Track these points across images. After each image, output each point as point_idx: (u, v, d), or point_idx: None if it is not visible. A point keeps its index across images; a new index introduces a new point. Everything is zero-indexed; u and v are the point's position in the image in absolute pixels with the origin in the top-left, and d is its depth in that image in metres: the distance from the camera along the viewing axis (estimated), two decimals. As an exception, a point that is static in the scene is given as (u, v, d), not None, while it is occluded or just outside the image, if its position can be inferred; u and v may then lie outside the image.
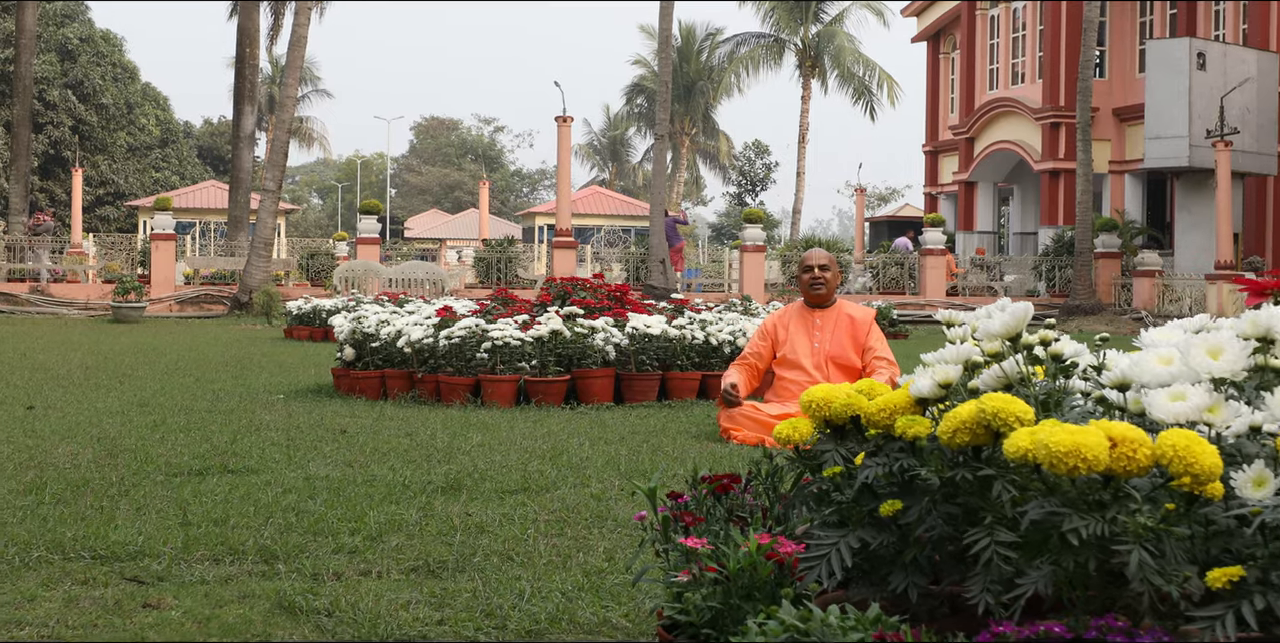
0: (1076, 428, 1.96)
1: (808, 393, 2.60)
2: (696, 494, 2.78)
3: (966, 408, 2.18)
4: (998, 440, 2.17)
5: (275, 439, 7.10)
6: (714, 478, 2.78)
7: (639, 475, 5.83)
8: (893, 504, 2.25)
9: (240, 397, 9.95)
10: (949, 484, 2.21)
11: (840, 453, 2.50)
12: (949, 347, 2.50)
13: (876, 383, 2.73)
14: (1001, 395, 2.15)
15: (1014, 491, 2.10)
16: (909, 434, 2.29)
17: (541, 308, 10.43)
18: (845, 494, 2.36)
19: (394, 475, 5.71)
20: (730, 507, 2.75)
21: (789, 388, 7.86)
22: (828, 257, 8.21)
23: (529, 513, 4.84)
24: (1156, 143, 30.98)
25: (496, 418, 8.44)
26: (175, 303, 29.79)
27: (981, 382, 2.39)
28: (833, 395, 2.56)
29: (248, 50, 37.35)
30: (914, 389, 2.39)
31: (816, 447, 2.56)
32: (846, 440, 2.55)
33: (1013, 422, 2.10)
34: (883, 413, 2.38)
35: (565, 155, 30.14)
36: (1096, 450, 1.92)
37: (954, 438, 2.17)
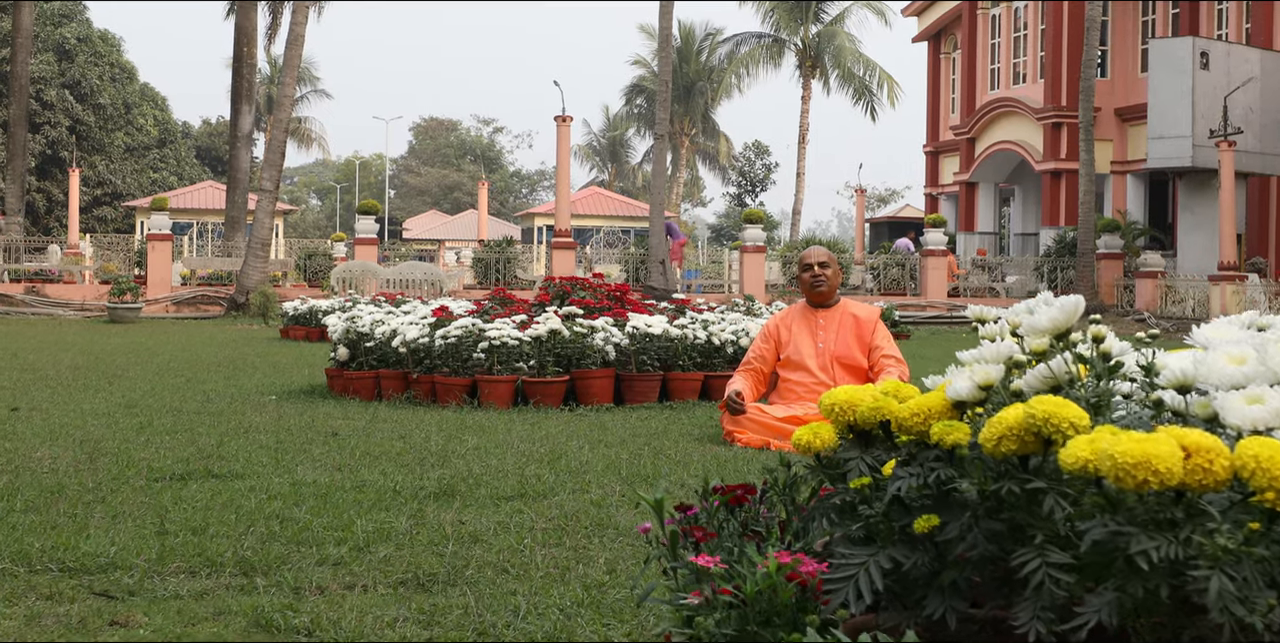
0: (1144, 436, 1.73)
1: (829, 396, 2.37)
2: (707, 507, 2.53)
3: (1012, 413, 1.95)
4: (1048, 449, 1.94)
5: (264, 442, 6.86)
6: (727, 489, 2.54)
7: (640, 481, 5.60)
8: (928, 520, 2.02)
9: (231, 398, 9.72)
10: (992, 498, 1.97)
11: (866, 462, 2.27)
12: (987, 345, 2.26)
13: (902, 384, 2.49)
14: (1052, 399, 1.91)
15: (1068, 506, 1.87)
16: (947, 442, 2.05)
17: (540, 307, 10.19)
18: (874, 508, 2.13)
19: (385, 481, 5.47)
20: (744, 521, 2.51)
21: (794, 390, 7.62)
22: (827, 254, 7.95)
23: (525, 521, 4.61)
24: (1159, 143, 30.75)
25: (493, 420, 8.21)
26: (172, 303, 29.60)
27: (1025, 384, 2.15)
28: (858, 399, 2.32)
29: (245, 49, 37.13)
30: (951, 392, 2.15)
31: (839, 455, 2.33)
32: (872, 448, 2.32)
33: (1066, 429, 1.87)
34: (916, 418, 2.14)
35: (564, 155, 29.93)
36: (1169, 462, 1.69)
37: (999, 447, 1.94)
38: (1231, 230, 28.16)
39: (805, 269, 7.84)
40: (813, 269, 7.79)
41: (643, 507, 4.88)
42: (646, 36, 68.16)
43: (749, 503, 2.53)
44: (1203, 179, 31.12)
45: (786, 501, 2.51)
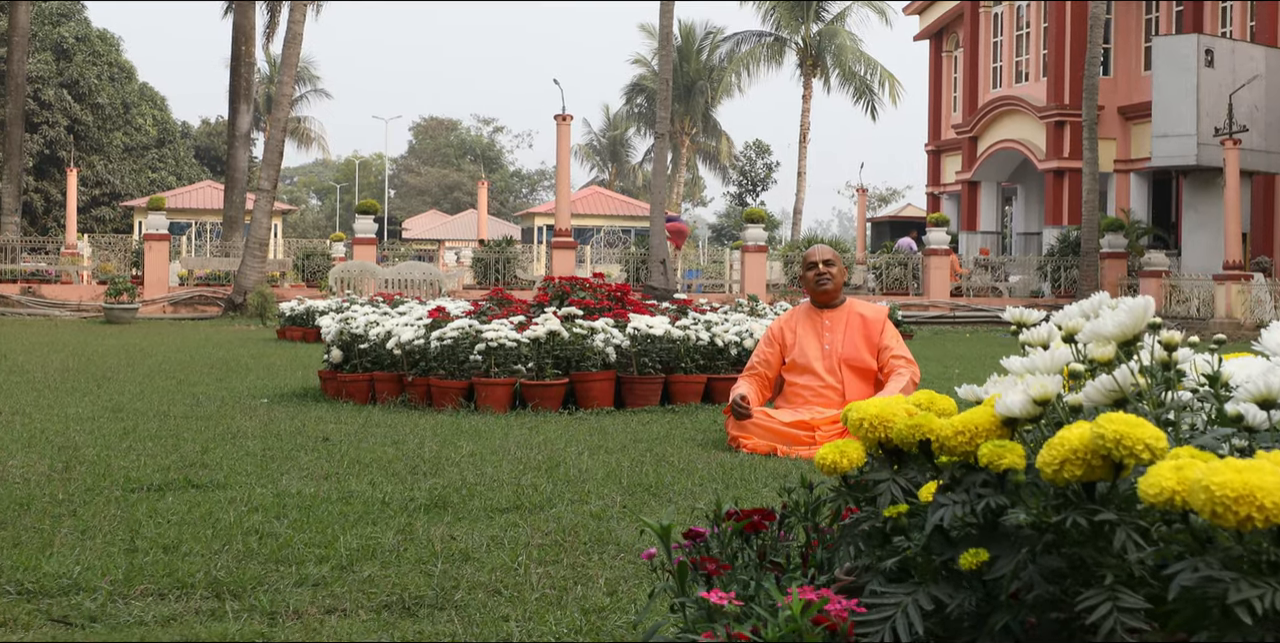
0: (1245, 464, 1.47)
1: (858, 410, 2.11)
2: (719, 533, 2.26)
3: (1076, 433, 1.68)
4: (1117, 475, 1.68)
5: (250, 449, 6.59)
6: (741, 514, 2.27)
7: (642, 490, 5.33)
8: (976, 555, 1.75)
9: (221, 402, 9.46)
10: (1053, 531, 1.71)
11: (899, 485, 2.00)
12: (1040, 353, 1.99)
13: (936, 396, 2.24)
14: (1123, 417, 1.65)
15: (1143, 543, 1.61)
16: (998, 465, 1.79)
17: (539, 308, 9.93)
18: (912, 540, 1.86)
19: (373, 492, 5.19)
20: (762, 549, 2.24)
21: (800, 394, 7.35)
22: (832, 251, 7.67)
23: (520, 536, 4.33)
24: (1164, 141, 30.48)
25: (490, 425, 7.94)
26: (169, 304, 29.40)
27: (1085, 397, 1.89)
28: (890, 413, 2.06)
29: (243, 48, 36.89)
30: (1001, 407, 1.88)
31: (869, 476, 2.07)
32: (905, 468, 2.06)
33: (1141, 452, 1.61)
34: (961, 437, 1.88)
35: (564, 154, 29.68)
36: (1278, 496, 1.43)
37: (1061, 472, 1.67)
38: (1237, 229, 27.90)
39: (809, 268, 7.56)
40: (817, 267, 7.51)
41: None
42: (647, 35, 67.94)
43: (767, 530, 2.26)
44: (1207, 178, 30.85)
45: (809, 527, 2.24)
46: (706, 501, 5.06)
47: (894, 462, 2.08)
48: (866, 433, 2.07)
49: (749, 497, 5.17)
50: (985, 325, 29.30)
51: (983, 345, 20.47)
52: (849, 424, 2.12)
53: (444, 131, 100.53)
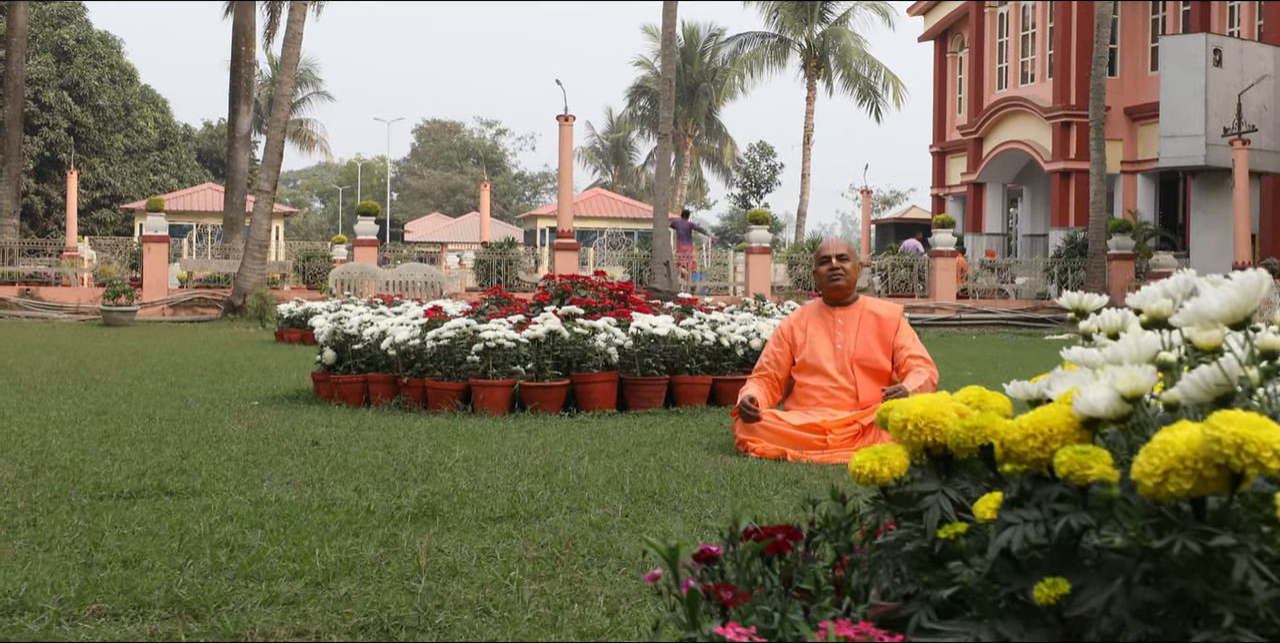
0: None
1: (900, 409, 1.79)
2: (736, 554, 1.94)
3: (1183, 438, 1.36)
4: (1234, 488, 1.36)
5: (233, 453, 6.26)
6: (763, 532, 1.95)
7: (646, 498, 5.00)
8: (1055, 585, 1.43)
9: (211, 404, 9.14)
10: (1153, 558, 1.39)
11: (949, 497, 1.69)
12: (1127, 340, 1.67)
13: (986, 393, 1.92)
14: (1243, 417, 1.33)
15: (1271, 575, 1.30)
16: (1082, 476, 1.47)
17: (538, 307, 9.60)
18: (972, 566, 1.55)
19: (358, 499, 4.86)
20: (786, 574, 1.92)
21: (811, 396, 7.02)
22: (846, 245, 7.33)
23: (514, 548, 4.00)
24: (1172, 141, 30.18)
25: (487, 428, 7.62)
26: (168, 306, 29.15)
27: (1182, 393, 1.57)
28: (939, 413, 1.74)
29: (243, 49, 36.63)
30: (1082, 405, 1.56)
31: (914, 487, 1.75)
32: (955, 478, 1.74)
33: (1268, 460, 1.29)
34: (1032, 441, 1.55)
35: (567, 154, 29.39)
36: None
37: (1165, 485, 1.35)
38: (1246, 230, 27.62)
39: (823, 262, 7.21)
40: (830, 262, 7.17)
41: (649, 531, 4.30)
42: (650, 37, 67.65)
43: (791, 550, 1.93)
44: (1216, 178, 30.55)
45: (842, 547, 1.92)
46: (715, 509, 4.74)
47: (942, 470, 1.76)
48: (911, 436, 1.75)
49: (760, 505, 4.85)
50: (992, 328, 28.99)
51: (991, 348, 20.16)
52: (890, 425, 1.80)
53: (446, 134, 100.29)
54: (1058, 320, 29.81)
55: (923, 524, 1.69)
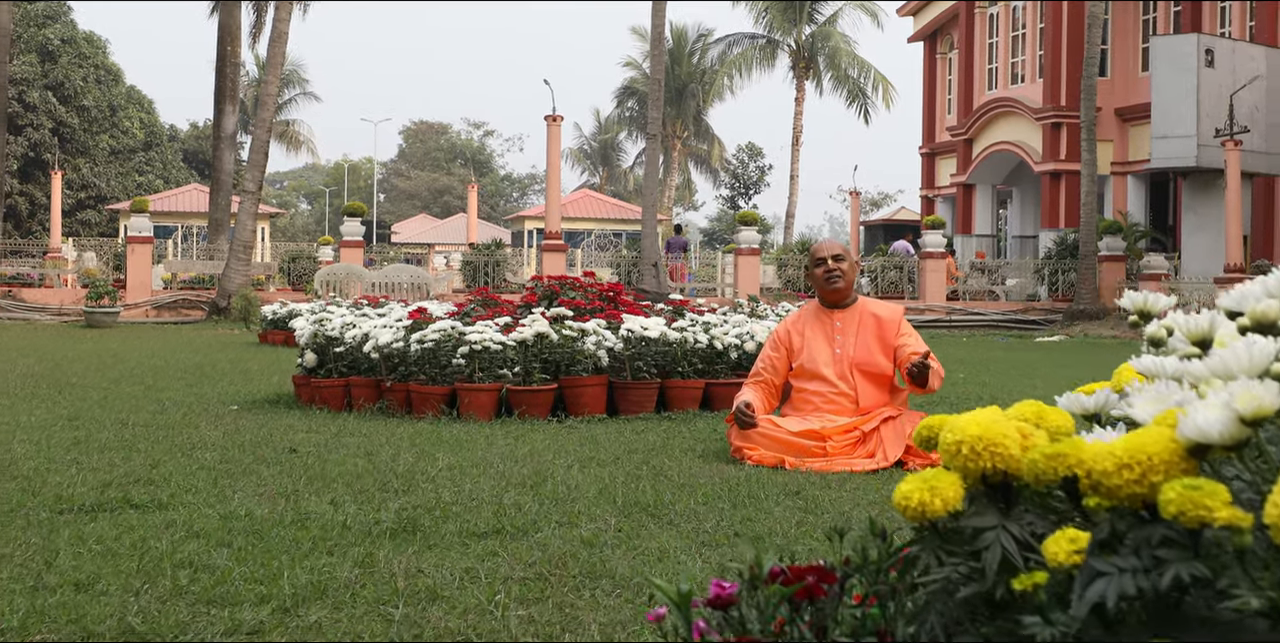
0: None
1: (953, 429, 1.53)
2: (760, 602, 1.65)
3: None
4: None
5: (206, 462, 5.98)
6: (791, 574, 1.67)
7: (639, 510, 4.73)
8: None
9: (188, 409, 8.86)
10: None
11: (1012, 534, 1.43)
12: (1237, 347, 1.41)
13: (1044, 407, 1.66)
14: None
15: None
16: (1196, 518, 1.20)
17: (526, 309, 9.33)
18: (1056, 624, 1.28)
19: (333, 514, 4.56)
20: (819, 623, 1.64)
21: (810, 401, 6.74)
22: (841, 246, 7.03)
23: (499, 567, 3.72)
24: (1163, 142, 30.00)
25: (473, 434, 7.34)
26: (152, 308, 28.87)
27: (1307, 412, 1.30)
28: (1000, 434, 1.48)
29: (229, 48, 36.36)
30: (1191, 429, 1.29)
31: (970, 523, 1.48)
32: (1016, 511, 1.48)
33: None
34: (1128, 473, 1.28)
35: (555, 155, 29.15)
36: None
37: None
38: (1238, 232, 27.45)
39: (818, 263, 6.91)
40: (826, 263, 6.87)
41: (644, 547, 4.03)
42: (638, 38, 67.36)
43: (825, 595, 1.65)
44: (1207, 179, 30.37)
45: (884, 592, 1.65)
46: (713, 522, 4.47)
47: (1002, 501, 1.50)
48: (967, 461, 1.48)
49: (760, 518, 4.58)
50: (982, 330, 28.79)
51: (982, 350, 19.93)
52: (941, 448, 1.54)
53: (434, 135, 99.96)
54: (1048, 322, 29.63)
55: (982, 566, 1.43)
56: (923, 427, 1.69)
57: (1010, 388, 11.44)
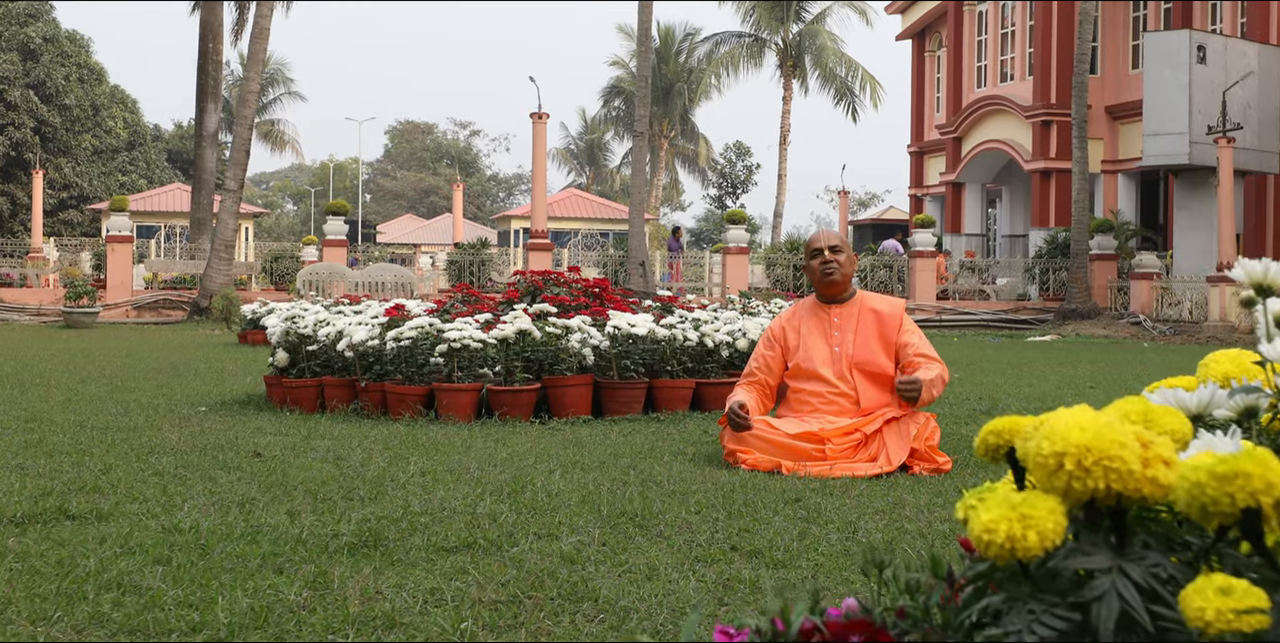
0: None
1: (1050, 436, 1.13)
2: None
3: None
4: None
5: (161, 468, 5.57)
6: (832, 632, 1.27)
7: (626, 521, 4.32)
8: None
9: (154, 410, 8.45)
10: None
11: (1133, 581, 1.04)
12: None
13: (1151, 406, 1.28)
14: None
15: None
16: None
17: (508, 305, 8.93)
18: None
19: (289, 525, 4.14)
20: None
21: (807, 402, 6.33)
22: (839, 236, 6.62)
23: (468, 588, 3.31)
24: (1155, 139, 29.65)
25: (450, 437, 6.94)
26: (132, 308, 28.48)
27: None
28: (1117, 444, 1.09)
29: (211, 46, 35.85)
30: None
31: (1073, 563, 1.10)
32: (1132, 545, 1.09)
33: None
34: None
35: (541, 153, 28.78)
36: None
37: None
38: (1231, 230, 27.13)
39: (814, 255, 6.50)
40: (822, 255, 6.46)
41: (631, 563, 3.63)
42: (625, 37, 66.98)
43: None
44: (1199, 177, 30.03)
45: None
46: (707, 535, 4.07)
47: (1115, 535, 1.11)
48: (1073, 481, 1.09)
49: (758, 529, 4.19)
50: (973, 329, 28.47)
51: (975, 349, 19.57)
52: (1032, 462, 1.15)
53: (420, 135, 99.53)
54: (1039, 322, 29.32)
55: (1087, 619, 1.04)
56: (989, 432, 1.31)
57: (1009, 389, 11.08)
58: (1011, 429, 1.31)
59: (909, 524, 4.30)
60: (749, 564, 3.63)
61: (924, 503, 4.81)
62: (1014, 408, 9.05)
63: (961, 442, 6.89)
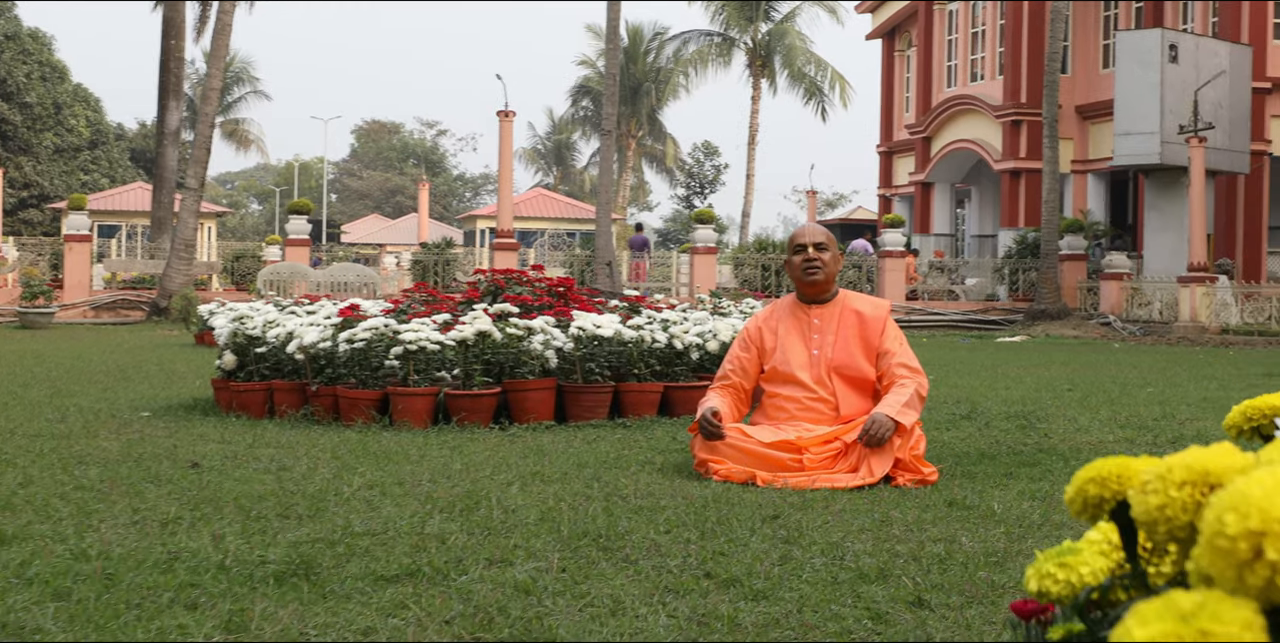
0: None
1: (1237, 506, 0.75)
2: None
3: None
4: None
5: (85, 481, 5.13)
6: None
7: (589, 542, 3.91)
8: None
9: (95, 415, 8.01)
10: None
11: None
12: None
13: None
14: None
15: None
16: None
17: (468, 305, 8.53)
18: None
19: (213, 550, 3.69)
20: None
21: (784, 408, 5.94)
22: (824, 232, 6.23)
23: (407, 627, 2.89)
24: (1126, 139, 29.44)
25: (404, 445, 6.53)
26: (90, 308, 27.99)
27: None
28: None
29: (173, 43, 35.34)
30: None
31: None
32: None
33: None
34: None
35: (507, 151, 28.42)
36: None
37: None
38: (1202, 230, 26.96)
39: (797, 251, 6.10)
40: (806, 251, 6.07)
41: (594, 595, 3.23)
42: (593, 36, 66.66)
43: None
44: (1170, 177, 29.85)
45: None
46: (679, 560, 3.65)
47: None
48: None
49: (735, 552, 3.79)
50: (942, 330, 28.21)
51: (946, 351, 19.27)
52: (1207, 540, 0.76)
53: (386, 135, 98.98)
54: (1009, 322, 29.09)
55: None
56: (1090, 480, 0.93)
57: (987, 392, 10.73)
58: (1122, 476, 0.93)
59: (900, 545, 3.92)
60: (726, 595, 3.24)
61: (912, 520, 4.42)
62: (995, 412, 8.70)
63: (944, 449, 6.53)
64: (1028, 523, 4.37)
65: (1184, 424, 8.01)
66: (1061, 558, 1.04)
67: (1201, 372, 13.98)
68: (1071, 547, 1.06)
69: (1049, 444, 6.83)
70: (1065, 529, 4.28)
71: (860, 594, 3.27)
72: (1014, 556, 3.79)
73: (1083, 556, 1.03)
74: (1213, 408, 9.27)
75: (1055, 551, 1.07)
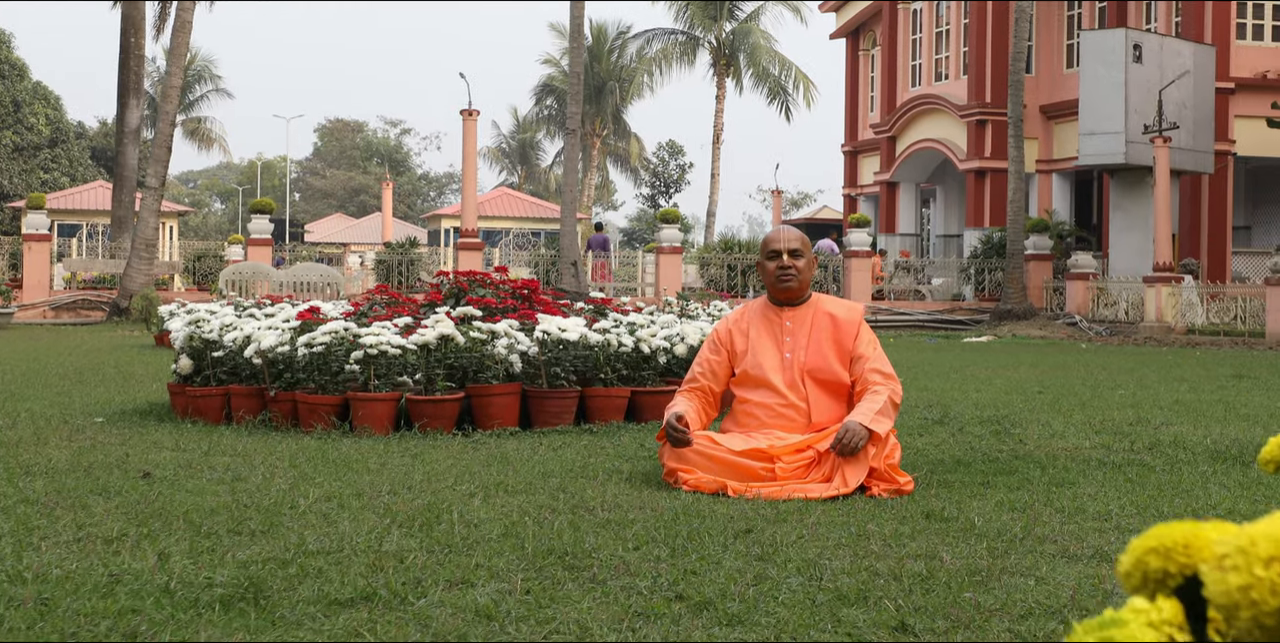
0: None
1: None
2: None
3: None
4: None
5: (30, 493, 4.93)
6: None
7: (555, 560, 3.74)
8: None
9: (45, 422, 7.79)
10: None
11: None
12: None
13: None
14: None
15: None
16: None
17: (430, 308, 8.34)
18: None
19: (157, 571, 3.50)
20: None
21: (754, 414, 5.78)
22: (800, 237, 6.05)
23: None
24: (1091, 139, 29.47)
25: (364, 452, 6.35)
26: (50, 308, 27.68)
27: None
28: None
29: (133, 40, 34.96)
30: None
31: None
32: None
33: None
34: None
35: (471, 150, 28.20)
36: None
37: None
38: (1167, 230, 27.01)
39: (771, 257, 5.91)
40: (780, 258, 5.87)
41: (559, 620, 3.06)
42: (557, 35, 66.46)
43: None
44: (1135, 177, 29.88)
45: None
46: (649, 580, 3.48)
47: None
48: None
49: (706, 571, 3.62)
50: (908, 330, 28.16)
51: (913, 351, 19.18)
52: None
53: (350, 133, 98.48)
54: (975, 322, 29.09)
55: None
56: (1151, 552, 0.78)
57: (957, 395, 10.60)
58: (1190, 545, 0.78)
59: (879, 563, 3.76)
60: (699, 620, 3.07)
61: (890, 533, 4.27)
62: (967, 416, 8.57)
63: (918, 456, 6.38)
64: (1009, 537, 4.22)
65: (1159, 429, 7.89)
66: (1104, 632, 0.89)
67: (1171, 373, 13.91)
68: (1115, 618, 0.90)
69: (1024, 451, 6.70)
70: (1048, 543, 4.13)
71: (840, 619, 3.11)
72: (998, 574, 3.63)
73: (1129, 628, 0.87)
74: (1186, 411, 9.17)
75: (1096, 623, 0.91)
